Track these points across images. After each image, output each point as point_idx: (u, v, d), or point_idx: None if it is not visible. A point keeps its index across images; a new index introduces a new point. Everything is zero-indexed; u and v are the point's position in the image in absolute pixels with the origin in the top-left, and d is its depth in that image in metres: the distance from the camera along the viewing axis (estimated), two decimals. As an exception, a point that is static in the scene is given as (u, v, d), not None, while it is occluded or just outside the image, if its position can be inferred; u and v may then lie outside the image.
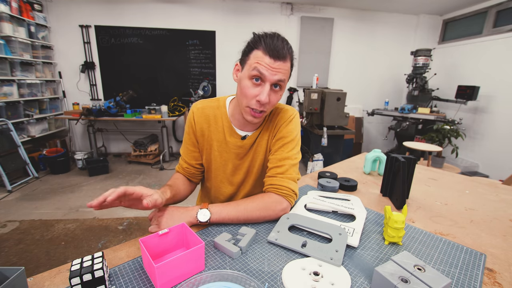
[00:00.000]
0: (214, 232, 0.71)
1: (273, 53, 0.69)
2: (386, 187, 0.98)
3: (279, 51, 0.70)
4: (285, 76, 0.73)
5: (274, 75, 0.71)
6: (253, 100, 0.74)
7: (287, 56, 0.72)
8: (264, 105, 0.74)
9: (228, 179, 0.93)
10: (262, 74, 0.71)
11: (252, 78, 0.73)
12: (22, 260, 1.76)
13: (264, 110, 0.76)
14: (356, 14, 4.26)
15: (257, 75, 0.71)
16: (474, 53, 3.70)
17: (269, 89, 0.72)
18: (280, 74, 0.71)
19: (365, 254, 0.64)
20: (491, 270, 0.59)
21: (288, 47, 0.73)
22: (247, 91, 0.73)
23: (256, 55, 0.71)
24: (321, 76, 4.28)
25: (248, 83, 0.73)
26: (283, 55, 0.70)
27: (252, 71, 0.71)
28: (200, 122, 0.88)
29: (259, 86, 0.73)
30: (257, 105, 0.74)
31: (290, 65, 0.75)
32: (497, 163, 3.35)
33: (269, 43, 0.70)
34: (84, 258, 0.51)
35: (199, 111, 0.88)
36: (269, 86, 0.72)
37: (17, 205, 2.54)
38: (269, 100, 0.73)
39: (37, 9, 3.54)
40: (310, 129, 3.25)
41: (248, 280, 0.51)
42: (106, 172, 3.42)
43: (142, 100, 4.02)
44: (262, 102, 0.72)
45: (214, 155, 0.90)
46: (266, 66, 0.70)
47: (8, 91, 3.05)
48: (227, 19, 4.01)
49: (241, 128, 0.87)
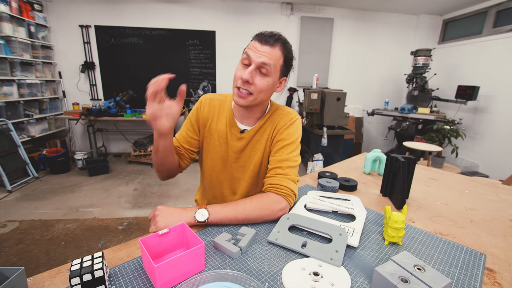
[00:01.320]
0: (214, 232, 0.71)
1: (261, 38, 0.77)
2: (386, 187, 0.98)
3: (267, 37, 0.77)
4: (271, 61, 0.77)
5: (259, 57, 0.76)
6: (239, 80, 0.80)
7: (275, 44, 0.77)
8: (247, 83, 0.78)
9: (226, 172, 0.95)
10: (249, 56, 0.77)
11: (242, 63, 0.80)
12: (22, 260, 1.76)
13: (249, 92, 0.79)
14: (356, 14, 4.26)
15: (245, 58, 0.79)
16: (474, 53, 3.70)
17: (254, 69, 0.77)
18: (264, 57, 0.76)
19: (365, 254, 0.64)
20: (491, 270, 0.59)
21: (281, 39, 0.79)
22: (236, 72, 0.81)
23: (249, 44, 0.80)
24: (321, 76, 4.28)
25: (239, 67, 0.81)
26: (271, 42, 0.77)
27: (243, 55, 0.80)
28: (206, 111, 0.93)
29: (246, 68, 0.79)
30: (241, 83, 0.79)
31: (280, 55, 0.79)
32: (497, 163, 3.35)
33: (263, 33, 0.79)
34: (84, 258, 0.51)
35: (208, 101, 0.94)
36: (254, 66, 0.77)
37: (17, 205, 2.54)
38: (254, 81, 0.78)
39: (37, 9, 3.54)
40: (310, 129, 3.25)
41: (248, 280, 0.51)
42: (106, 172, 3.42)
43: (142, 100, 4.00)
44: (243, 79, 0.77)
45: (214, 144, 0.93)
46: (253, 49, 0.77)
47: (8, 91, 3.05)
48: (227, 19, 4.01)
49: (241, 121, 0.91)
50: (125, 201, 2.67)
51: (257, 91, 0.80)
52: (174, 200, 2.72)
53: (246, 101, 0.81)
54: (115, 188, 2.97)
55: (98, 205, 2.56)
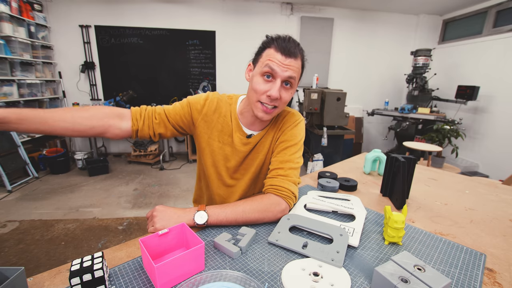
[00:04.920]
0: (214, 232, 0.71)
1: (284, 50, 0.73)
2: (386, 187, 0.98)
3: (290, 49, 0.73)
4: (296, 73, 0.76)
5: (285, 71, 0.73)
6: (263, 95, 0.76)
7: (298, 55, 0.75)
8: (275, 100, 0.76)
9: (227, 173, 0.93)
10: (273, 70, 0.73)
11: (263, 75, 0.75)
12: (22, 260, 1.76)
13: (276, 106, 0.78)
14: (356, 14, 4.26)
15: (268, 71, 0.74)
16: (474, 53, 3.70)
17: (280, 85, 0.75)
18: (290, 71, 0.74)
19: (365, 254, 0.64)
20: (491, 270, 0.59)
21: (299, 48, 0.77)
22: (258, 86, 0.76)
23: (268, 53, 0.75)
24: (321, 76, 4.28)
25: (260, 80, 0.76)
26: (294, 53, 0.74)
27: (264, 67, 0.74)
28: (211, 108, 0.87)
29: (270, 82, 0.76)
30: (268, 100, 0.76)
31: (301, 64, 0.78)
32: (497, 163, 3.35)
33: (281, 42, 0.74)
34: (84, 258, 0.51)
35: (215, 100, 0.88)
36: (280, 82, 0.74)
37: (17, 205, 2.54)
38: (280, 96, 0.76)
39: (37, 9, 3.54)
40: (310, 129, 3.25)
41: (248, 280, 0.51)
42: (106, 172, 3.42)
43: (142, 100, 4.02)
44: (272, 97, 0.75)
45: (213, 143, 0.89)
46: (277, 63, 0.73)
47: (8, 91, 3.05)
48: (227, 19, 4.01)
49: (248, 126, 0.89)
50: (125, 201, 2.67)
51: (283, 104, 0.79)
52: (174, 200, 2.72)
53: (271, 115, 0.80)
54: (115, 188, 2.97)
55: (98, 205, 2.56)
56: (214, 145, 0.90)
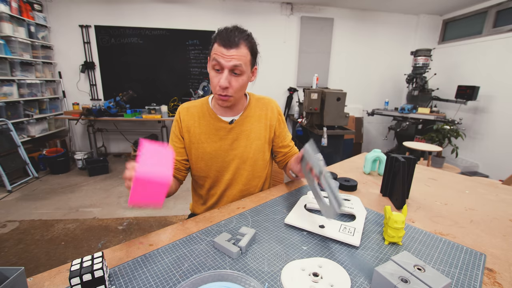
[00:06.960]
0: (214, 232, 0.71)
1: (225, 43, 0.79)
2: (386, 187, 0.98)
3: (230, 39, 0.79)
4: (241, 61, 0.81)
5: (229, 62, 0.80)
6: (217, 87, 0.84)
7: (240, 43, 0.80)
8: (225, 89, 0.83)
9: (224, 165, 0.97)
10: (219, 62, 0.80)
11: (213, 68, 0.83)
12: (22, 260, 1.76)
13: (228, 94, 0.84)
14: (356, 14, 4.26)
15: (215, 64, 0.82)
16: (474, 53, 3.70)
17: (228, 74, 0.81)
18: (234, 60, 0.80)
19: (365, 254, 0.64)
20: (491, 270, 0.59)
21: (243, 35, 0.82)
22: (212, 80, 0.85)
23: (214, 47, 0.82)
24: (321, 76, 4.28)
25: (212, 73, 0.84)
26: (235, 43, 0.79)
27: (212, 61, 0.82)
28: (186, 120, 0.97)
29: (220, 74, 0.82)
30: (220, 91, 0.83)
31: (247, 51, 0.82)
32: (497, 163, 3.35)
33: (223, 34, 0.80)
34: (84, 258, 0.51)
35: (185, 110, 0.98)
36: (227, 72, 0.81)
37: (17, 205, 2.54)
38: (230, 84, 0.83)
39: (37, 9, 3.54)
40: (310, 129, 3.24)
41: (248, 280, 0.51)
42: (106, 172, 3.42)
43: (142, 100, 4.02)
44: (221, 86, 0.82)
45: (203, 147, 0.96)
46: (221, 55, 0.80)
47: (8, 91, 3.05)
48: (227, 19, 4.01)
49: (225, 114, 0.97)
50: (125, 201, 2.66)
51: (236, 91, 0.85)
52: (174, 200, 2.72)
53: (228, 103, 0.88)
54: (115, 188, 2.97)
55: (98, 205, 2.56)
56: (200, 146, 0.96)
